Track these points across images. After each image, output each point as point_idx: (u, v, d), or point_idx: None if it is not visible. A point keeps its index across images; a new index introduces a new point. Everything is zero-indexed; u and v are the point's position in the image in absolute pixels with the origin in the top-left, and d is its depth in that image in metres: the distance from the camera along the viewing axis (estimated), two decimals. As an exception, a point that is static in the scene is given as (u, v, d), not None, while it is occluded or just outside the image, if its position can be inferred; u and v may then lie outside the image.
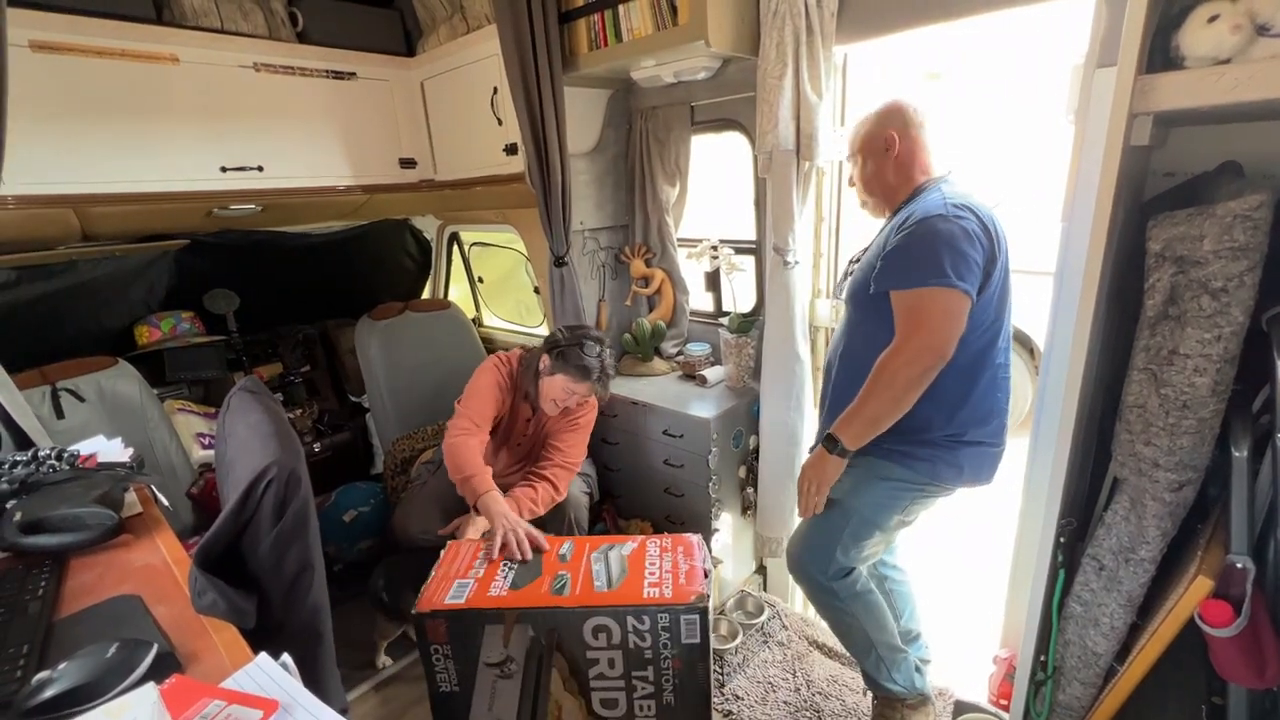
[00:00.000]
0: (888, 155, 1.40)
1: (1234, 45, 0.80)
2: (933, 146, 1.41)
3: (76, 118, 1.73)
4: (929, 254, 1.23)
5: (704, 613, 1.33)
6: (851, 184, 1.51)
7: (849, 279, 1.49)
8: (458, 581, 1.43)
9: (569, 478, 1.95)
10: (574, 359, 1.82)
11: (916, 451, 1.37)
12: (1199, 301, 0.85)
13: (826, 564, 1.48)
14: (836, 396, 1.46)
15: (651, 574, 1.41)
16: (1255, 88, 0.79)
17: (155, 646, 0.71)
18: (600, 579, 1.41)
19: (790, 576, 1.62)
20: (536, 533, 1.55)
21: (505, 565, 1.49)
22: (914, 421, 1.31)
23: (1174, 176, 1.23)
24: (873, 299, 1.33)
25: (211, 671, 0.72)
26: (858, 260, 1.52)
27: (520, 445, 2.04)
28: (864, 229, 1.86)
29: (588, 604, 1.34)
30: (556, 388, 1.84)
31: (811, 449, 1.48)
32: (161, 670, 0.69)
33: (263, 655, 0.70)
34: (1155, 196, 1.20)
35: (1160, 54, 0.90)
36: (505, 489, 1.80)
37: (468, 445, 1.76)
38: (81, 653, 0.70)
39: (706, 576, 1.41)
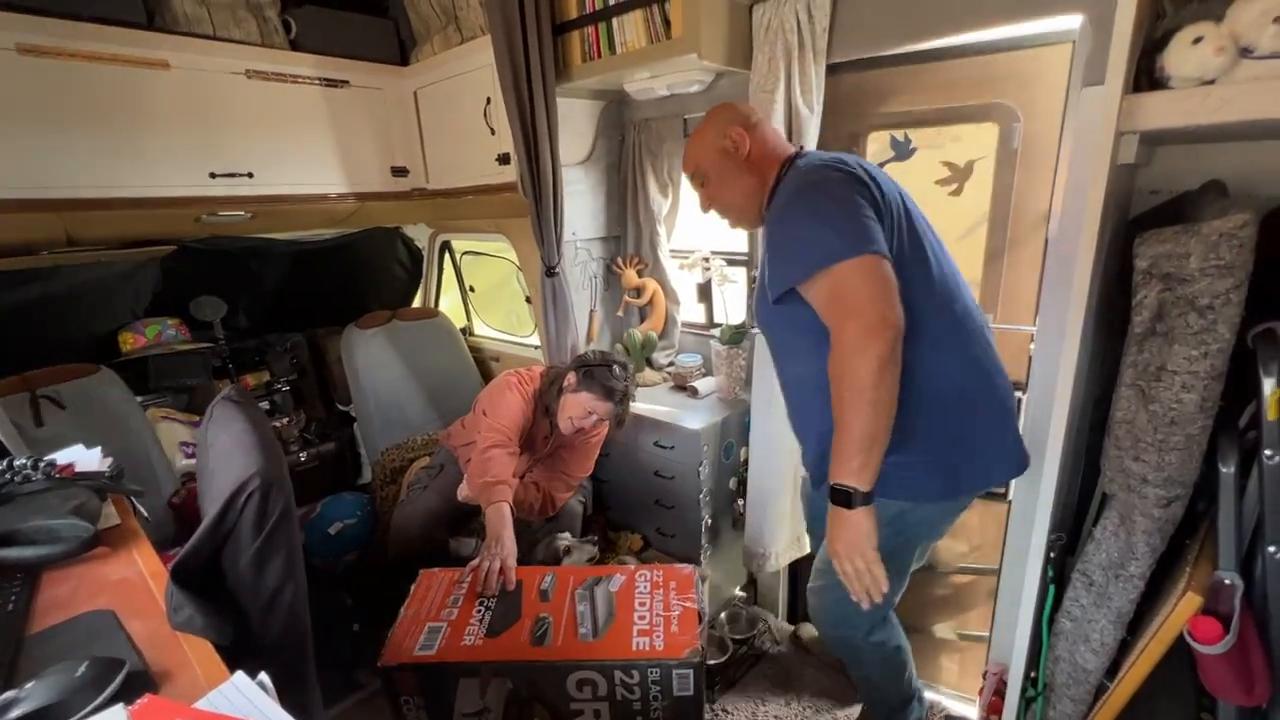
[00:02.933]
0: (737, 158, 1.27)
1: (1218, 66, 0.81)
2: (781, 140, 1.32)
3: (64, 122, 1.71)
4: (813, 230, 1.07)
5: (698, 668, 1.25)
6: (705, 209, 1.37)
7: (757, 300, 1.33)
8: (429, 626, 1.34)
9: (568, 495, 1.99)
10: (601, 378, 1.83)
11: (903, 473, 1.16)
12: (1186, 318, 0.86)
13: (858, 623, 1.34)
14: (804, 435, 1.33)
15: (641, 617, 1.33)
16: (1239, 108, 0.80)
17: (127, 665, 0.69)
18: (585, 624, 1.31)
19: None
20: (511, 571, 1.50)
21: (481, 604, 1.39)
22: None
23: (1159, 194, 1.25)
24: (781, 310, 1.17)
25: (186, 690, 0.70)
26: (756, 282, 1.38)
27: (533, 457, 2.04)
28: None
29: (570, 658, 1.25)
30: (578, 406, 1.84)
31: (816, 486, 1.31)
32: (133, 690, 0.67)
33: (239, 674, 0.68)
34: (1141, 214, 1.21)
35: (1146, 74, 0.91)
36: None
37: (503, 458, 1.77)
38: (50, 671, 0.68)
39: (701, 620, 1.33)
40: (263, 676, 0.67)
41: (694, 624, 1.32)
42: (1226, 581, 0.92)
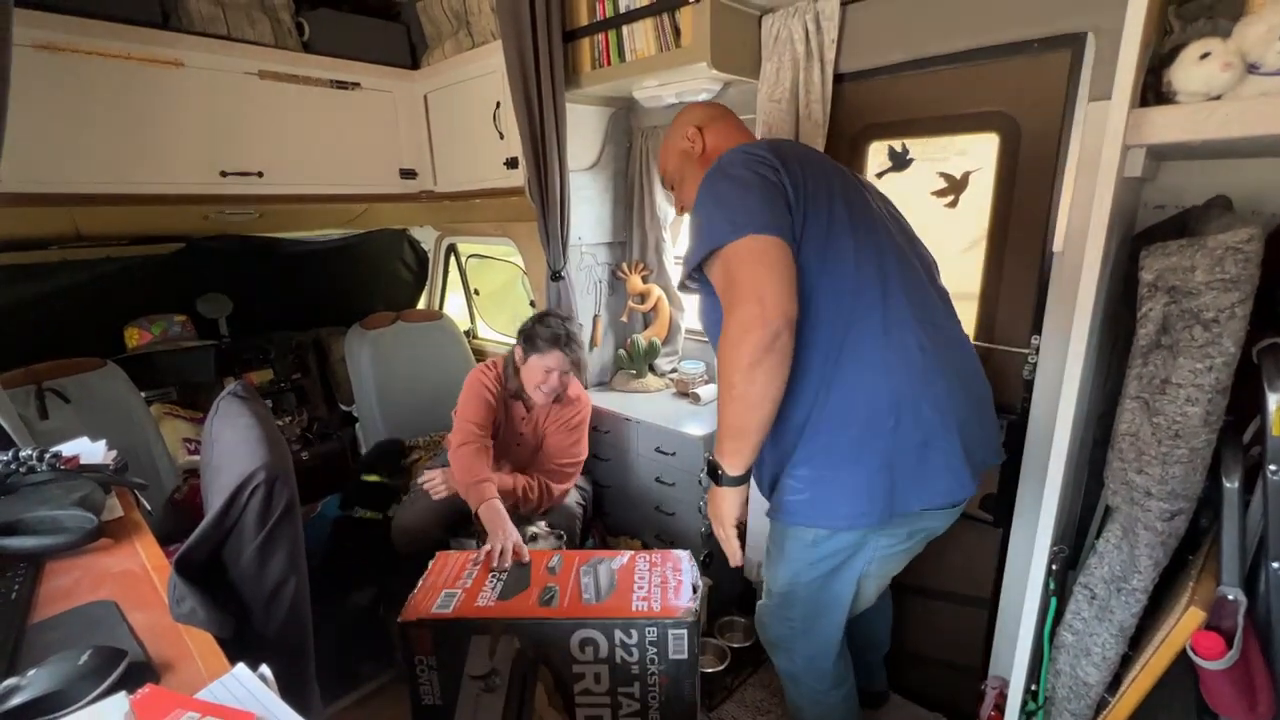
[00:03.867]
0: (694, 156, 1.26)
1: (1225, 82, 0.82)
2: (742, 132, 1.28)
3: (77, 117, 1.73)
4: (708, 217, 1.05)
5: (692, 628, 1.31)
6: (679, 212, 1.36)
7: None
8: (445, 591, 1.42)
9: (566, 485, 2.01)
10: (539, 334, 1.88)
11: (817, 492, 1.09)
12: (1191, 332, 0.86)
13: (795, 648, 1.30)
14: None
15: (640, 588, 1.40)
16: (1246, 124, 0.80)
17: (129, 655, 0.69)
18: (589, 591, 1.40)
19: None
20: (523, 548, 1.58)
21: (493, 576, 1.47)
22: (783, 444, 1.09)
23: (1165, 209, 1.25)
24: (705, 305, 1.17)
25: (187, 682, 0.70)
26: None
27: (521, 447, 2.04)
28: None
29: (575, 615, 1.33)
30: (534, 371, 1.89)
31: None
32: (135, 679, 0.67)
33: (240, 666, 0.68)
34: (1147, 228, 1.22)
35: (1153, 89, 0.92)
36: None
37: (472, 452, 1.82)
38: (52, 659, 0.68)
39: (695, 592, 1.40)
40: (264, 669, 0.67)
41: (688, 593, 1.39)
42: (1230, 597, 0.91)
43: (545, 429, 2.02)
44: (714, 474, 1.10)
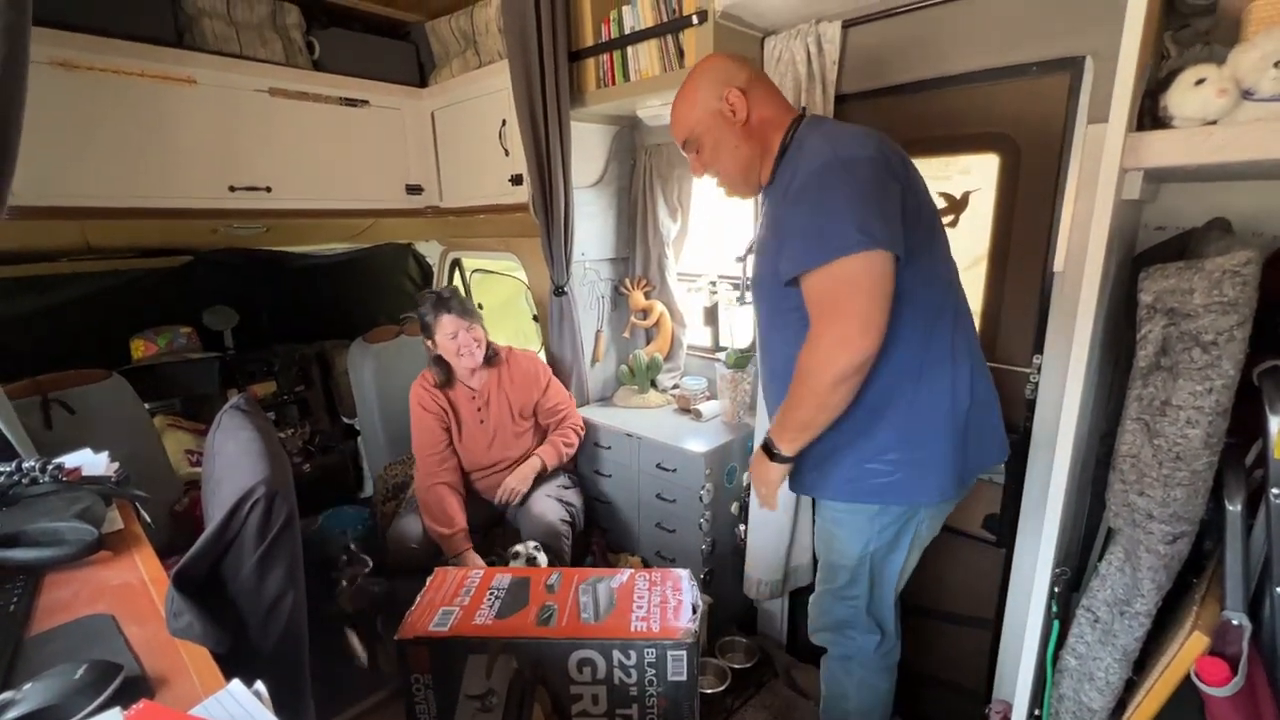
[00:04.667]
0: (733, 124, 1.16)
1: (1220, 108, 0.83)
2: (784, 103, 1.22)
3: (91, 132, 1.77)
4: (829, 216, 1.01)
5: (691, 649, 1.30)
6: (698, 174, 1.28)
7: (753, 271, 1.30)
8: (443, 609, 1.41)
9: (564, 429, 2.15)
10: (424, 313, 1.96)
11: (896, 473, 1.16)
12: (1190, 354, 0.86)
13: (855, 623, 1.36)
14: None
15: (639, 608, 1.39)
16: (1241, 149, 0.81)
17: (124, 670, 0.69)
18: (587, 611, 1.39)
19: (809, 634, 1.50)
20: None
21: (491, 594, 1.46)
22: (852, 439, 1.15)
23: (1165, 230, 1.26)
24: (780, 294, 1.13)
25: (182, 697, 0.70)
26: (750, 252, 1.35)
27: (495, 427, 2.06)
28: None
29: (574, 635, 1.33)
30: (444, 344, 1.95)
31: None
32: (130, 694, 0.67)
33: (235, 682, 0.68)
34: (1148, 249, 1.22)
35: (1150, 114, 0.93)
36: (499, 481, 2.03)
37: (440, 495, 1.88)
38: (48, 673, 0.68)
39: (695, 613, 1.39)
40: (259, 685, 0.67)
41: (687, 614, 1.38)
42: (1234, 622, 0.90)
43: (505, 396, 2.06)
44: (769, 454, 1.19)
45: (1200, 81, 0.84)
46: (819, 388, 1.05)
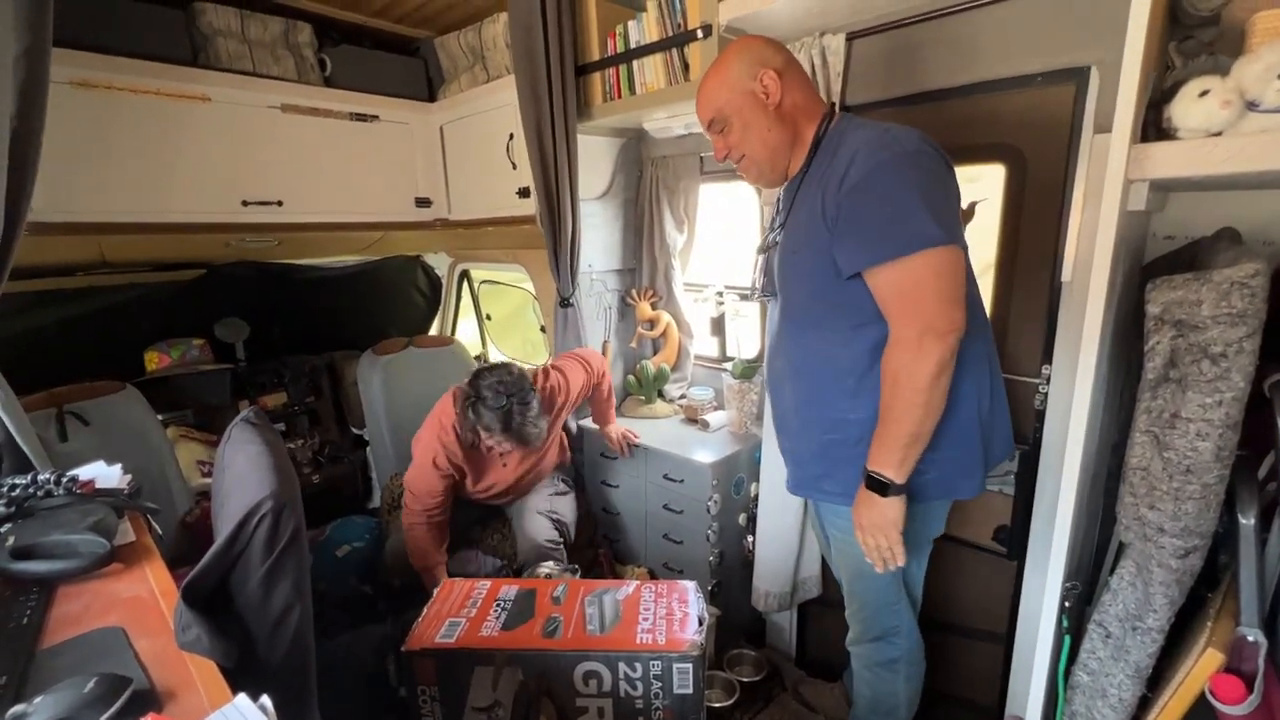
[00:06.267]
0: (766, 106, 1.13)
1: (1224, 119, 0.82)
2: (815, 92, 1.20)
3: (107, 149, 1.80)
4: (904, 208, 0.98)
5: (697, 662, 1.29)
6: (721, 158, 1.23)
7: (772, 269, 1.26)
8: (449, 620, 1.42)
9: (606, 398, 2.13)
10: (482, 415, 1.72)
11: (940, 472, 1.15)
12: (1199, 366, 0.85)
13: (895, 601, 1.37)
14: (805, 424, 1.24)
15: (645, 619, 1.39)
16: (1245, 160, 0.81)
17: (133, 683, 0.70)
18: (593, 622, 1.39)
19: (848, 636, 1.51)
20: None
21: (498, 605, 1.47)
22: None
23: (1174, 240, 1.25)
24: (823, 285, 1.10)
25: (189, 711, 0.71)
26: (773, 245, 1.27)
27: (521, 472, 2.02)
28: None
29: (579, 648, 1.32)
30: (484, 441, 1.79)
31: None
32: (138, 708, 0.68)
33: (241, 696, 0.68)
34: (1156, 259, 1.22)
35: (1154, 125, 0.92)
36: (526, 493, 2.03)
37: (424, 533, 1.83)
38: (58, 686, 0.69)
39: (701, 624, 1.38)
40: (265, 700, 0.67)
41: (694, 626, 1.37)
42: (1250, 639, 0.89)
43: (534, 454, 2.00)
44: (879, 489, 1.09)
45: (1204, 93, 0.84)
46: (921, 385, 1.00)
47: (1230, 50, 0.93)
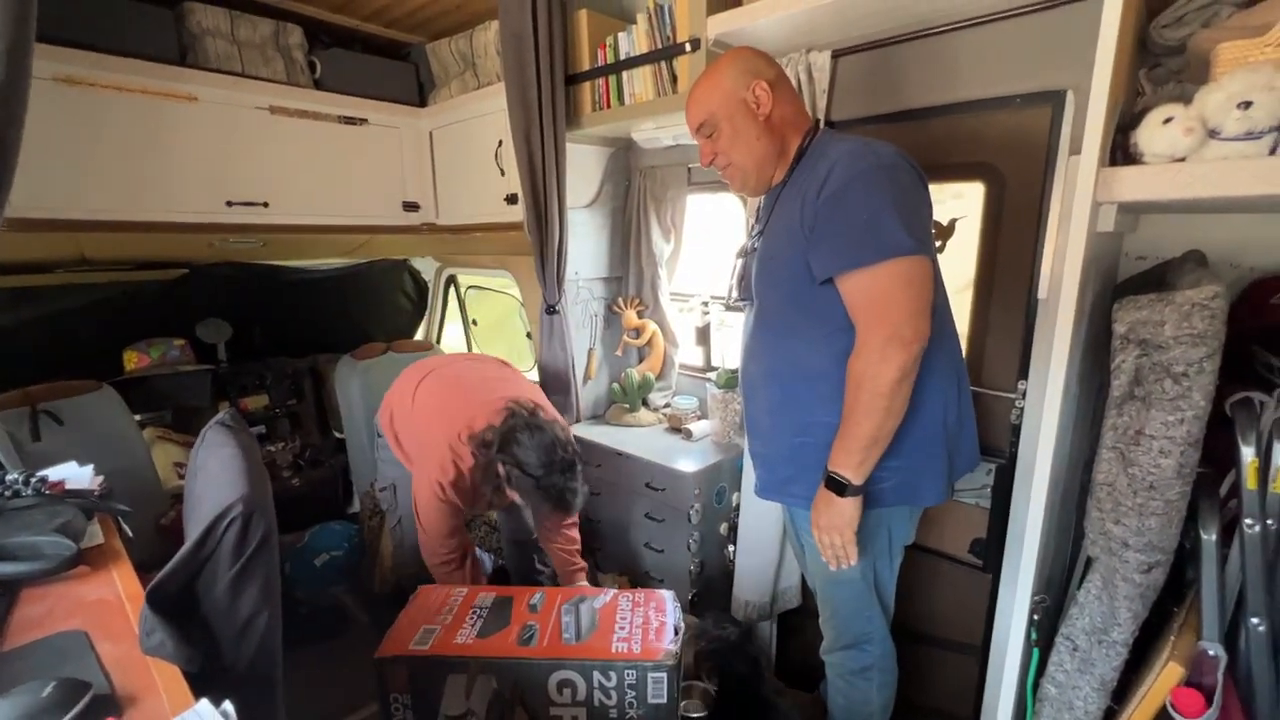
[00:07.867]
0: (755, 116, 1.16)
1: (1188, 146, 0.85)
2: (802, 107, 1.24)
3: (90, 147, 1.79)
4: (878, 217, 1.02)
5: (672, 671, 1.29)
6: (707, 163, 1.25)
7: (749, 275, 1.27)
8: (424, 627, 1.40)
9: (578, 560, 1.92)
10: (547, 495, 1.53)
11: (906, 479, 1.18)
12: (1162, 384, 0.87)
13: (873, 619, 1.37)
14: (776, 427, 1.26)
15: (621, 628, 1.39)
16: (1208, 185, 0.83)
17: (93, 688, 0.69)
18: (569, 631, 1.38)
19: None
20: None
21: (474, 612, 1.46)
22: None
23: (1146, 260, 1.28)
24: (801, 291, 1.13)
25: (150, 716, 0.70)
26: (751, 251, 1.29)
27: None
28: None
29: (554, 656, 1.32)
30: (511, 496, 1.61)
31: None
32: (97, 713, 0.67)
33: (203, 702, 0.68)
34: (1127, 279, 1.24)
35: (1122, 149, 0.95)
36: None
37: (448, 574, 1.70)
38: (16, 690, 0.68)
39: (677, 634, 1.38)
40: (226, 705, 0.67)
41: (669, 635, 1.36)
42: (1210, 653, 0.90)
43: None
44: (838, 489, 1.12)
45: (1168, 120, 0.86)
46: (882, 390, 1.03)
47: (1198, 78, 0.96)
